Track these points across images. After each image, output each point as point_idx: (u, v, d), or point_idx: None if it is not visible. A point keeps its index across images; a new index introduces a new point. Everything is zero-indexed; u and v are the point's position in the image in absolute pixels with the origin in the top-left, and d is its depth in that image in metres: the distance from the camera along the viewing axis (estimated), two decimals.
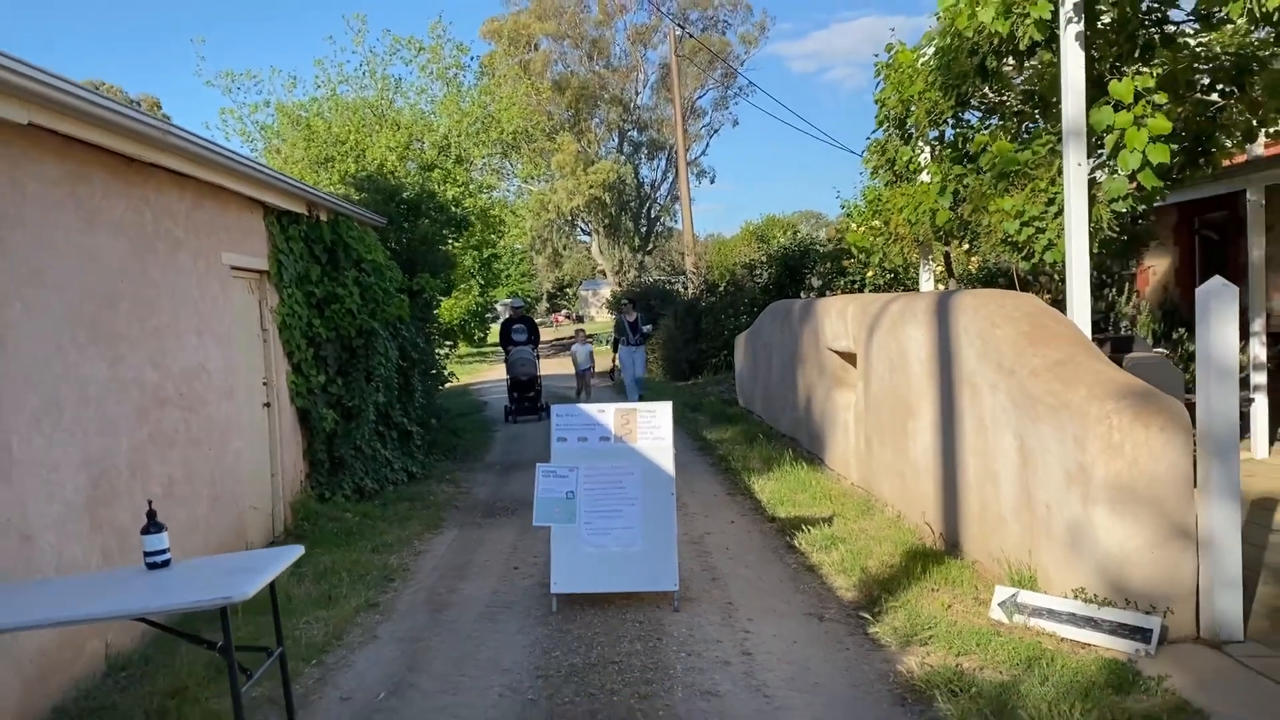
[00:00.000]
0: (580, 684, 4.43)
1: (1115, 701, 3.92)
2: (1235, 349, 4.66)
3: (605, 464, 5.68)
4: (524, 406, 15.50)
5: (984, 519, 5.98)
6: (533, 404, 15.47)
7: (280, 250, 8.03)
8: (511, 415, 15.50)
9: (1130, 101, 5.78)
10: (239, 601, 3.13)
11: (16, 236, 4.41)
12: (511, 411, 15.54)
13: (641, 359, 16.31)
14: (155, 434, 5.71)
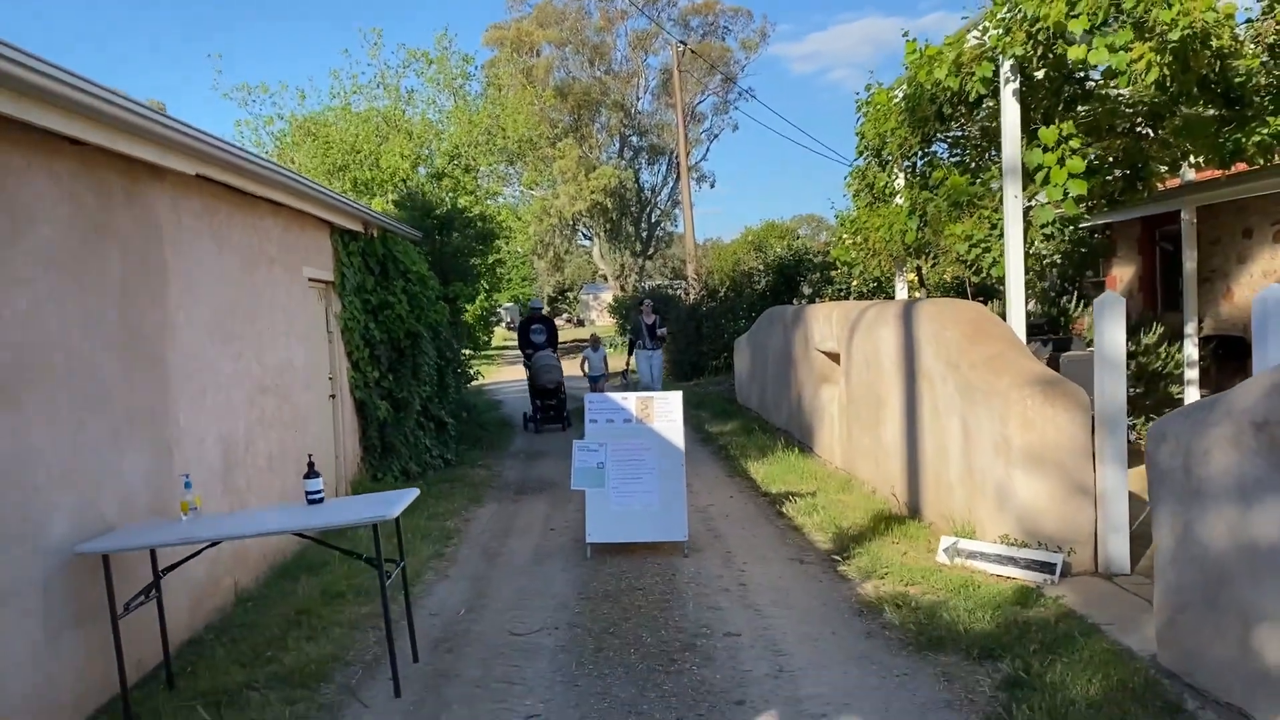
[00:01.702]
0: (614, 602, 5.78)
1: (1017, 610, 5.24)
2: (1123, 347, 5.97)
3: (628, 441, 7.03)
4: (548, 415, 14.43)
5: (938, 488, 7.30)
6: (557, 413, 14.41)
7: (343, 263, 9.35)
8: (534, 424, 14.51)
9: (1054, 144, 7.11)
10: (388, 519, 4.46)
11: (179, 260, 5.72)
12: (534, 420, 14.53)
13: (659, 363, 15.69)
14: (260, 417, 7.02)
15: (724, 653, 4.94)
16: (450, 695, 4.55)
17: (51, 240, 4.36)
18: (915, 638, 4.96)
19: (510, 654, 5.07)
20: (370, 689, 4.65)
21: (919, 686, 4.42)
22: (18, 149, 4.12)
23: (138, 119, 4.60)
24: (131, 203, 5.14)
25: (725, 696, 4.38)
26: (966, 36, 7.51)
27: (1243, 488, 3.82)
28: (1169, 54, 5.91)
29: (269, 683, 4.67)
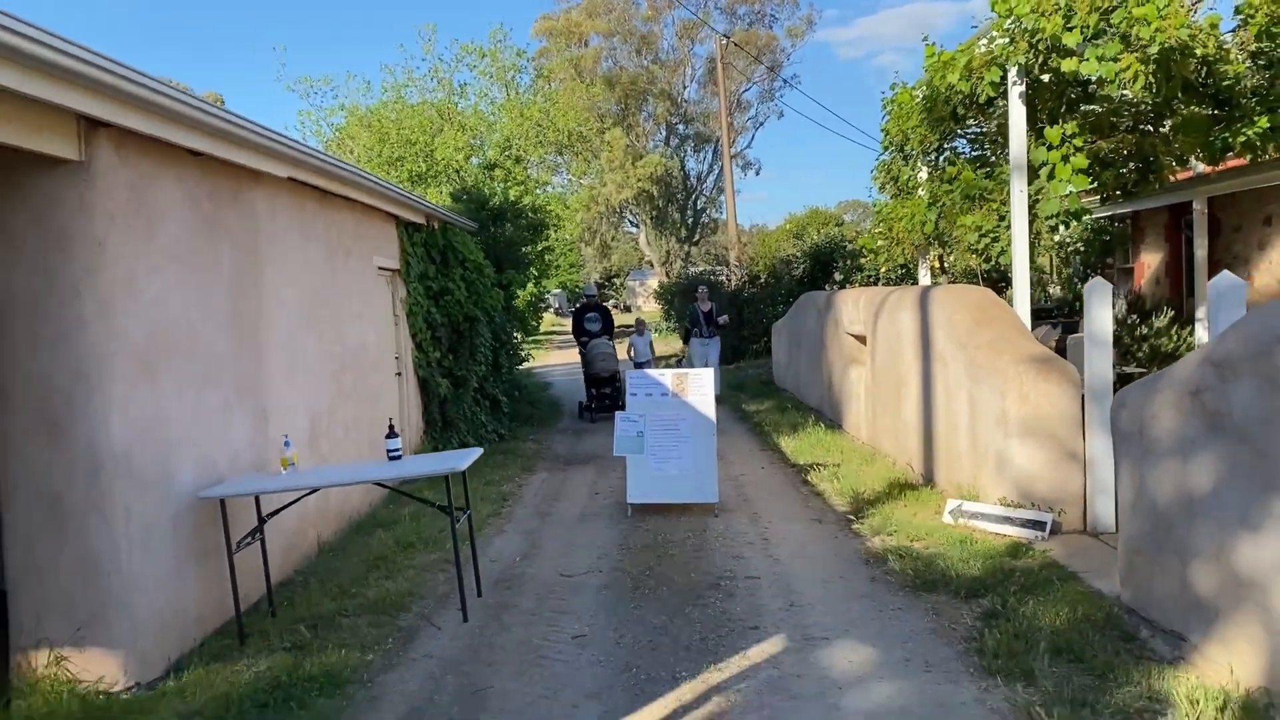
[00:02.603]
0: (650, 551, 6.58)
1: (1006, 560, 5.92)
2: (1109, 327, 6.60)
3: (665, 412, 7.81)
4: (603, 404, 13.99)
5: (949, 458, 7.98)
6: (613, 402, 13.77)
7: (408, 253, 10.21)
8: (589, 413, 14.17)
9: (1058, 143, 7.72)
10: (458, 471, 5.29)
11: (272, 252, 6.58)
12: (589, 409, 14.20)
13: (716, 353, 14.99)
14: (340, 391, 7.89)
15: (744, 591, 5.70)
16: (509, 621, 5.38)
17: (176, 236, 5.22)
18: (912, 581, 5.68)
19: (560, 591, 5.89)
20: (441, 617, 5.48)
21: (910, 618, 5.15)
22: (152, 161, 4.98)
23: (246, 133, 5.44)
24: (237, 203, 5.99)
25: (742, 623, 5.15)
26: (976, 44, 8.14)
27: (1182, 446, 4.49)
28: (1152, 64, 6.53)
29: (355, 611, 5.52)
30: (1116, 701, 3.92)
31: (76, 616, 4.51)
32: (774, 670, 4.51)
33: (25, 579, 4.55)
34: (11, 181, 4.36)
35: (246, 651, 4.98)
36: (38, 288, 4.42)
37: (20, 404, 4.48)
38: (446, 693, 4.43)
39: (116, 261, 4.59)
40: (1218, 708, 3.76)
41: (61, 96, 3.98)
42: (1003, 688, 4.14)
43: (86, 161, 4.45)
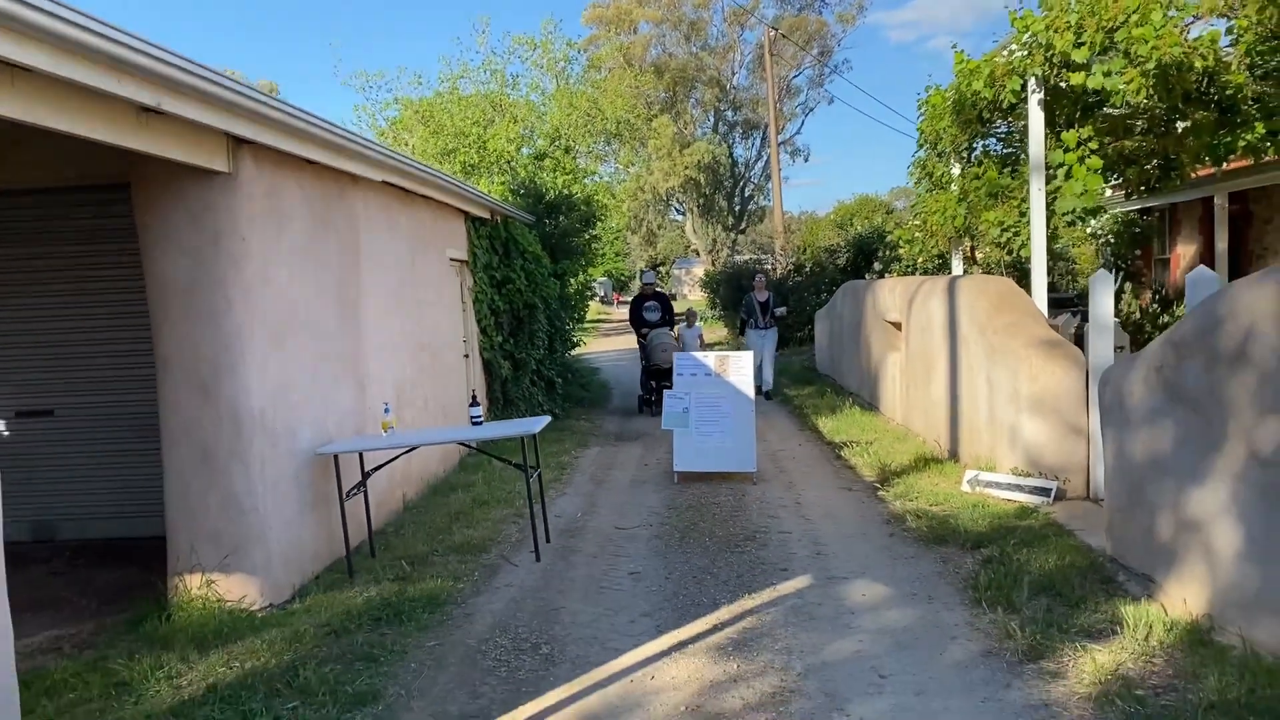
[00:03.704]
0: (695, 511, 7.46)
1: (1012, 520, 6.70)
2: (1110, 313, 7.30)
3: (709, 390, 8.68)
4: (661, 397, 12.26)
5: (971, 434, 8.74)
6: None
7: (474, 245, 11.16)
8: (649, 407, 13.51)
9: (1074, 146, 8.42)
10: (533, 433, 6.22)
11: (368, 245, 7.53)
12: (649, 402, 13.55)
13: (773, 345, 14.55)
14: (419, 368, 8.85)
15: (777, 543, 6.56)
16: (575, 561, 6.30)
17: (298, 233, 6.18)
18: (926, 536, 6.50)
19: (617, 540, 6.80)
20: (518, 557, 6.42)
21: (920, 564, 5.98)
22: (280, 170, 5.93)
23: (350, 143, 6.38)
24: (342, 203, 6.95)
25: (774, 566, 6.01)
26: (999, 54, 8.86)
27: (1150, 415, 5.26)
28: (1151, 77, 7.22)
29: (445, 552, 6.48)
30: (1080, 623, 4.72)
31: (223, 547, 5.49)
32: (799, 600, 5.37)
33: (181, 516, 5.54)
34: (174, 189, 5.33)
35: (355, 583, 5.94)
36: (194, 275, 5.39)
37: (178, 370, 5.46)
38: (526, 611, 5.35)
39: (255, 255, 5.56)
40: (1165, 627, 4.54)
41: (218, 120, 4.92)
42: (989, 614, 4.96)
43: (233, 173, 5.41)
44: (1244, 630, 4.35)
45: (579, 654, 4.73)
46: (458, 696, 4.30)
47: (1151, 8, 7.23)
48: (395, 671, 4.55)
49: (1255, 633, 4.27)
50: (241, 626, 5.17)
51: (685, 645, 4.77)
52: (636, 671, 4.48)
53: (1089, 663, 4.24)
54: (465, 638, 5.00)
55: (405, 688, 4.39)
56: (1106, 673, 4.12)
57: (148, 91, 4.22)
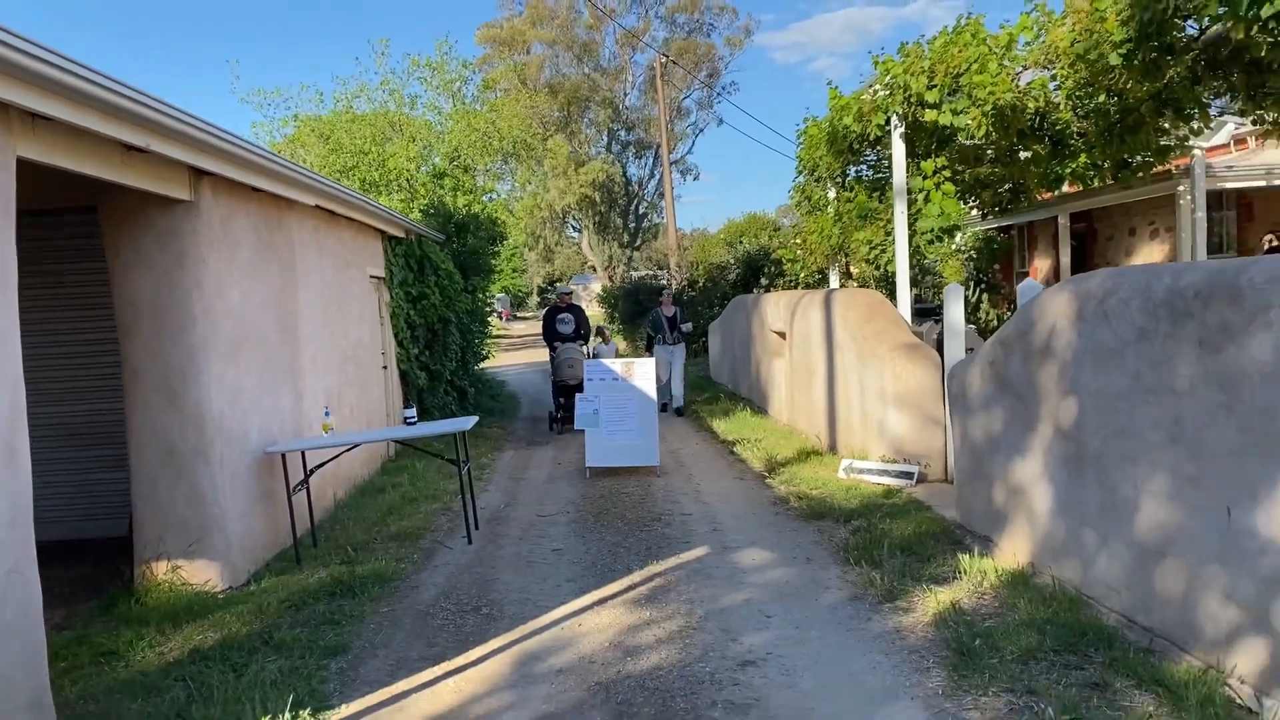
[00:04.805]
0: (606, 499, 8.35)
1: (881, 500, 7.76)
2: (962, 320, 8.47)
3: (616, 394, 9.59)
4: (571, 415, 11.90)
5: (847, 428, 9.84)
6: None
7: (391, 263, 11.84)
8: (558, 424, 13.09)
9: (931, 174, 9.64)
10: (466, 429, 7.00)
11: (301, 265, 8.20)
12: (558, 420, 13.11)
13: (682, 361, 14.42)
14: (345, 378, 9.51)
15: (679, 523, 7.49)
16: (503, 543, 7.11)
17: (246, 255, 6.85)
18: (806, 513, 7.51)
19: (539, 525, 7.63)
20: (451, 541, 7.19)
21: (801, 535, 6.97)
22: (233, 198, 6.61)
23: (292, 172, 7.09)
24: (281, 227, 7.63)
25: (678, 540, 6.93)
26: (866, 92, 10.04)
27: (985, 402, 6.35)
28: (990, 117, 8.46)
29: (383, 540, 7.20)
30: (929, 573, 5.75)
31: (188, 536, 6.13)
32: (699, 565, 6.30)
33: (149, 509, 6.15)
34: (144, 216, 5.97)
35: (304, 568, 6.62)
36: (161, 293, 6.03)
37: (146, 379, 6.09)
38: (465, 582, 6.15)
39: (213, 275, 6.23)
40: (996, 574, 5.60)
41: (187, 156, 5.61)
42: (856, 569, 5.96)
43: (195, 201, 6.09)
44: (1054, 571, 5.43)
45: (515, 612, 5.55)
46: (415, 646, 5.07)
47: (989, 58, 8.47)
48: (357, 630, 5.30)
49: (1062, 572, 5.36)
50: (209, 605, 5.82)
51: (605, 601, 5.64)
52: (566, 621, 5.33)
53: (933, 600, 5.26)
54: (414, 604, 5.77)
55: (369, 642, 5.14)
56: (946, 606, 5.14)
57: (138, 134, 4.92)
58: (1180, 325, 4.23)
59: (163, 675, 4.74)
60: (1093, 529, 5.01)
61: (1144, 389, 4.51)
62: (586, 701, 4.27)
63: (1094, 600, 4.96)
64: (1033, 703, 3.94)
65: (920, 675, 4.36)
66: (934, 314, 12.02)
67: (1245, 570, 3.87)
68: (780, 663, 4.61)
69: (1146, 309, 4.48)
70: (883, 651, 4.68)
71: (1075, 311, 5.15)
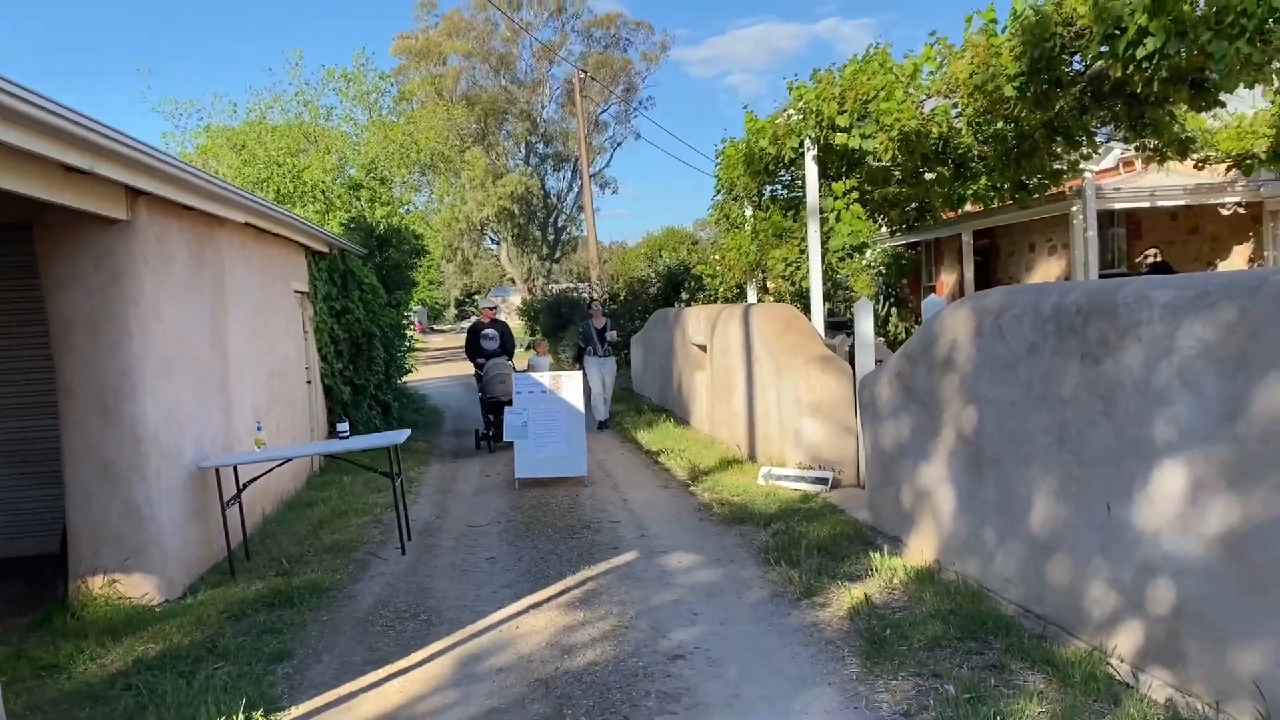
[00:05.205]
0: (536, 509, 8.59)
1: (798, 505, 8.16)
2: (871, 333, 8.95)
3: (545, 406, 9.84)
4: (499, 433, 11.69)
5: (765, 438, 10.25)
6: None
7: (315, 278, 11.90)
8: (487, 442, 12.76)
9: (841, 194, 10.14)
10: (400, 442, 7.18)
11: (230, 281, 8.28)
12: (486, 438, 12.78)
13: (613, 373, 14.53)
14: (272, 393, 9.57)
15: (608, 529, 7.78)
16: (437, 553, 7.31)
17: (180, 272, 6.94)
18: (728, 519, 7.87)
19: (471, 534, 7.84)
20: (384, 553, 7.36)
21: (724, 539, 7.32)
22: (167, 217, 6.71)
23: (222, 190, 7.20)
24: (211, 243, 7.72)
25: (608, 546, 7.22)
26: (780, 116, 10.52)
27: (893, 411, 6.79)
28: (896, 142, 8.99)
29: (317, 552, 7.33)
30: (844, 571, 6.14)
31: (125, 550, 6.20)
32: (628, 569, 6.60)
33: (84, 524, 6.21)
34: (81, 235, 6.05)
35: (239, 581, 6.72)
36: (97, 311, 6.11)
37: (81, 395, 6.15)
38: (402, 591, 6.34)
39: (149, 293, 6.32)
40: (905, 571, 6.01)
41: (126, 177, 5.73)
42: (776, 569, 6.33)
43: (131, 220, 6.18)
44: (958, 567, 5.87)
45: (454, 617, 5.77)
46: (358, 651, 5.26)
47: (895, 87, 9.01)
48: (300, 638, 5.46)
49: (964, 568, 5.79)
50: (147, 617, 5.90)
51: (540, 605, 5.90)
52: (504, 625, 5.57)
53: (847, 595, 5.64)
54: (354, 612, 5.95)
55: (311, 648, 5.31)
56: (859, 601, 5.52)
57: (83, 157, 5.04)
58: (1065, 340, 4.69)
59: (108, 685, 4.85)
60: (991, 527, 5.45)
61: (1035, 398, 4.96)
62: (528, 696, 4.53)
63: (993, 592, 5.39)
64: (937, 684, 4.32)
65: (837, 663, 4.72)
66: (845, 327, 12.55)
67: (1124, 560, 4.32)
68: (707, 655, 4.93)
69: (1036, 325, 4.94)
70: (802, 643, 5.03)
71: (974, 327, 5.59)
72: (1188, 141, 10.54)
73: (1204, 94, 7.99)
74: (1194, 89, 7.82)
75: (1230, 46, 6.60)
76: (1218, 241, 15.30)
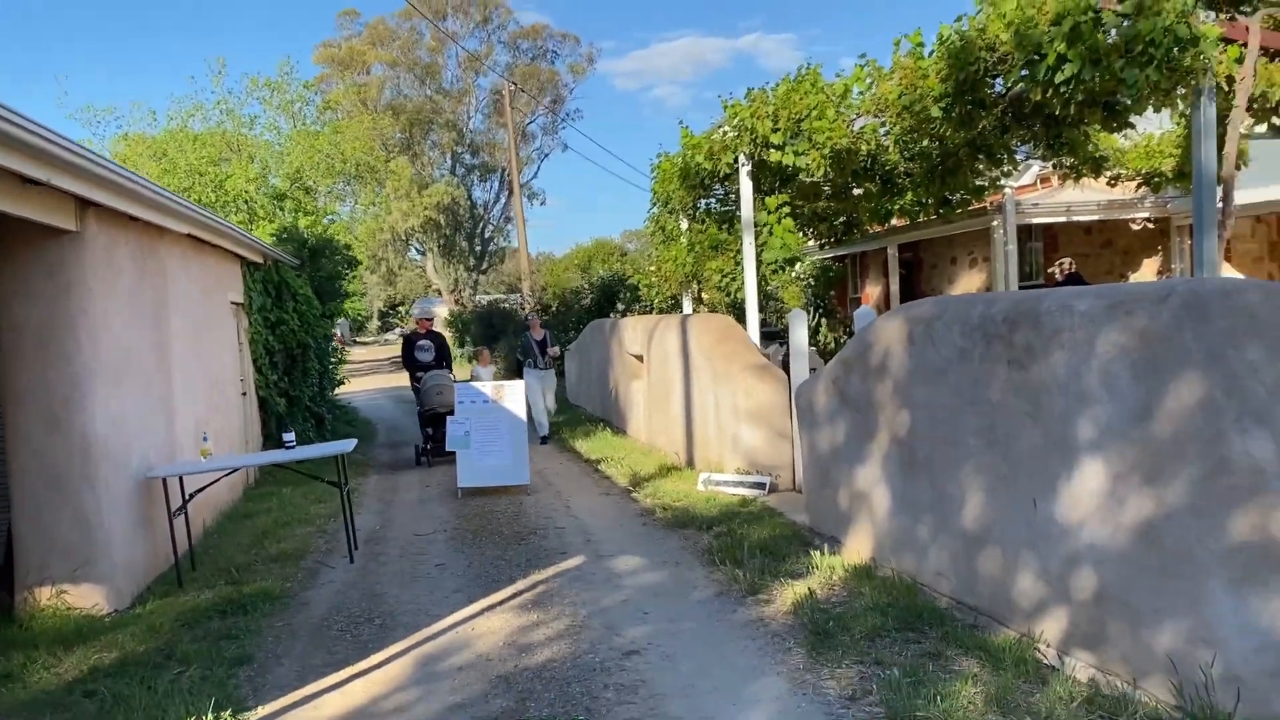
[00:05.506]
0: (482, 517, 8.72)
1: (738, 508, 8.43)
2: (806, 342, 9.28)
3: (487, 416, 9.97)
4: (440, 446, 12.02)
5: (704, 445, 10.52)
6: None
7: (250, 289, 11.85)
8: (426, 457, 12.46)
9: (774, 209, 10.49)
10: (348, 451, 7.26)
11: (173, 292, 8.27)
12: (426, 451, 12.49)
13: (553, 387, 14.38)
14: (210, 404, 9.53)
15: (555, 535, 7.96)
16: (385, 560, 7.40)
17: (127, 283, 6.95)
18: (671, 523, 8.10)
19: (417, 543, 7.94)
20: (332, 561, 7.43)
21: (669, 542, 7.55)
22: (115, 227, 6.71)
23: (169, 201, 7.22)
24: (155, 255, 7.71)
25: (555, 551, 7.40)
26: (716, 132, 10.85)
27: (830, 416, 7.11)
28: (828, 159, 9.38)
29: (264, 561, 7.37)
30: (786, 570, 6.41)
31: (75, 560, 6.18)
32: (578, 572, 6.79)
33: (33, 535, 6.18)
34: (33, 245, 6.04)
35: (187, 590, 6.73)
36: (47, 321, 6.10)
37: (30, 404, 6.13)
38: (354, 597, 6.43)
39: (98, 303, 6.33)
40: (843, 568, 6.31)
41: (75, 186, 5.75)
42: (720, 569, 6.57)
43: (81, 231, 6.19)
44: (894, 563, 6.18)
45: (409, 621, 5.89)
46: (317, 654, 5.36)
47: (827, 106, 9.39)
48: (257, 643, 5.53)
49: (900, 564, 6.11)
50: (98, 627, 5.91)
51: (494, 607, 6.05)
52: (460, 626, 5.71)
53: (790, 592, 5.91)
54: (308, 619, 6.03)
55: (271, 652, 5.40)
56: (802, 596, 5.79)
57: (41, 169, 5.08)
58: (993, 347, 5.03)
59: (66, 693, 4.87)
60: (925, 525, 5.78)
61: (965, 401, 5.29)
62: (490, 692, 4.69)
63: (928, 586, 5.71)
64: (879, 671, 4.60)
65: (783, 654, 4.97)
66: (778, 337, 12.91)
67: (1049, 552, 4.65)
68: (660, 650, 5.15)
69: (965, 333, 5.27)
70: (749, 637, 5.28)
71: (907, 335, 5.92)
72: (1101, 160, 11.15)
73: (1116, 116, 8.51)
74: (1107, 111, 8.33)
75: (1140, 73, 7.10)
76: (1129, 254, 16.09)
